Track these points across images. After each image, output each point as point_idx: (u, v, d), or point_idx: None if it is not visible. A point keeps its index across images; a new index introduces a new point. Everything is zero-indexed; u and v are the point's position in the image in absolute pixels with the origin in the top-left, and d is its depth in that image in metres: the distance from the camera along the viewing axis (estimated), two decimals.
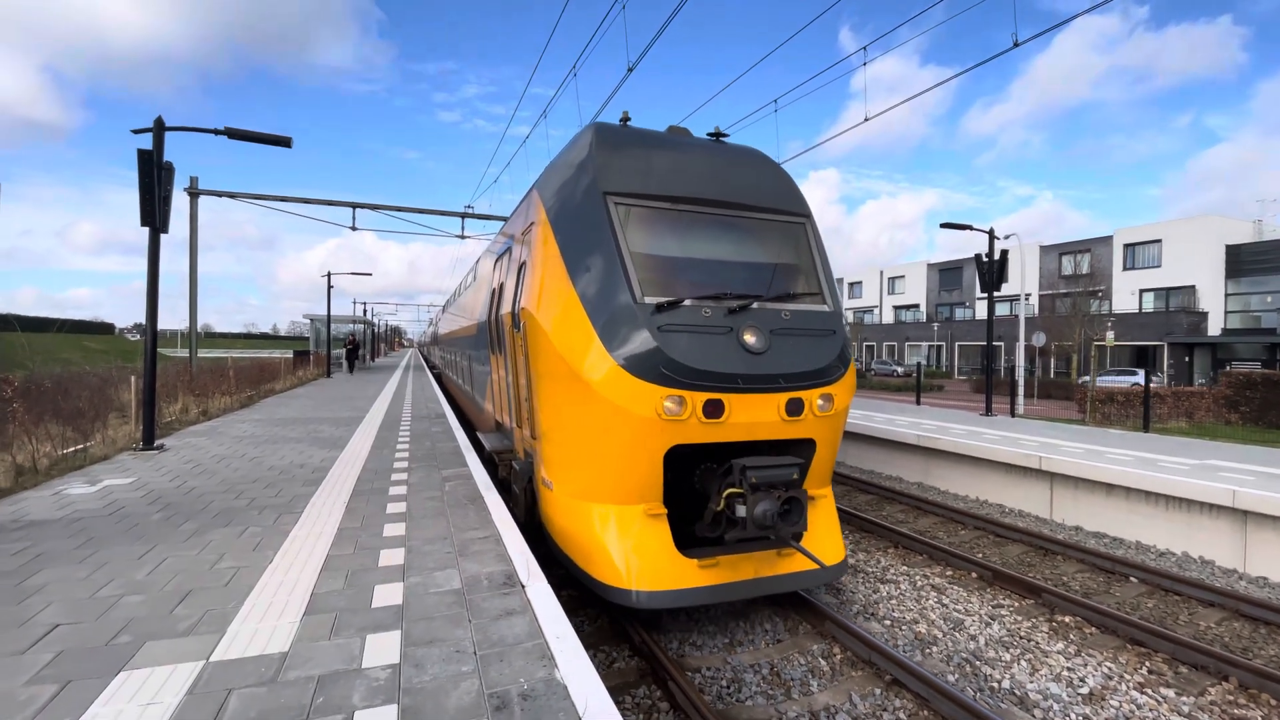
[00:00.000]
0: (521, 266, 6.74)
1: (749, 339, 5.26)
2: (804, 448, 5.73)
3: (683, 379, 4.96)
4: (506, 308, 7.37)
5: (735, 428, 5.21)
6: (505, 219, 13.28)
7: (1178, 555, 8.26)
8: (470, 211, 23.23)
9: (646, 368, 4.94)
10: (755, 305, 5.50)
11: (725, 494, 5.14)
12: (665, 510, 5.30)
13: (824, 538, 5.77)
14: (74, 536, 5.06)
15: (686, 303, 5.27)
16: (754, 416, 5.24)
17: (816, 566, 5.48)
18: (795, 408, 5.38)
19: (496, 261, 9.03)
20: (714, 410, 5.07)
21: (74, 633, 3.41)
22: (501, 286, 8.20)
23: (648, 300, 5.19)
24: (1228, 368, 30.79)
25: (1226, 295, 40.41)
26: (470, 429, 13.26)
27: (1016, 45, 8.60)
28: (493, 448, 8.23)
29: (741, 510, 5.00)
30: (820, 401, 5.50)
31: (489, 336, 8.97)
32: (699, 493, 5.64)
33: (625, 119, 6.85)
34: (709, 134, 7.34)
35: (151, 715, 2.66)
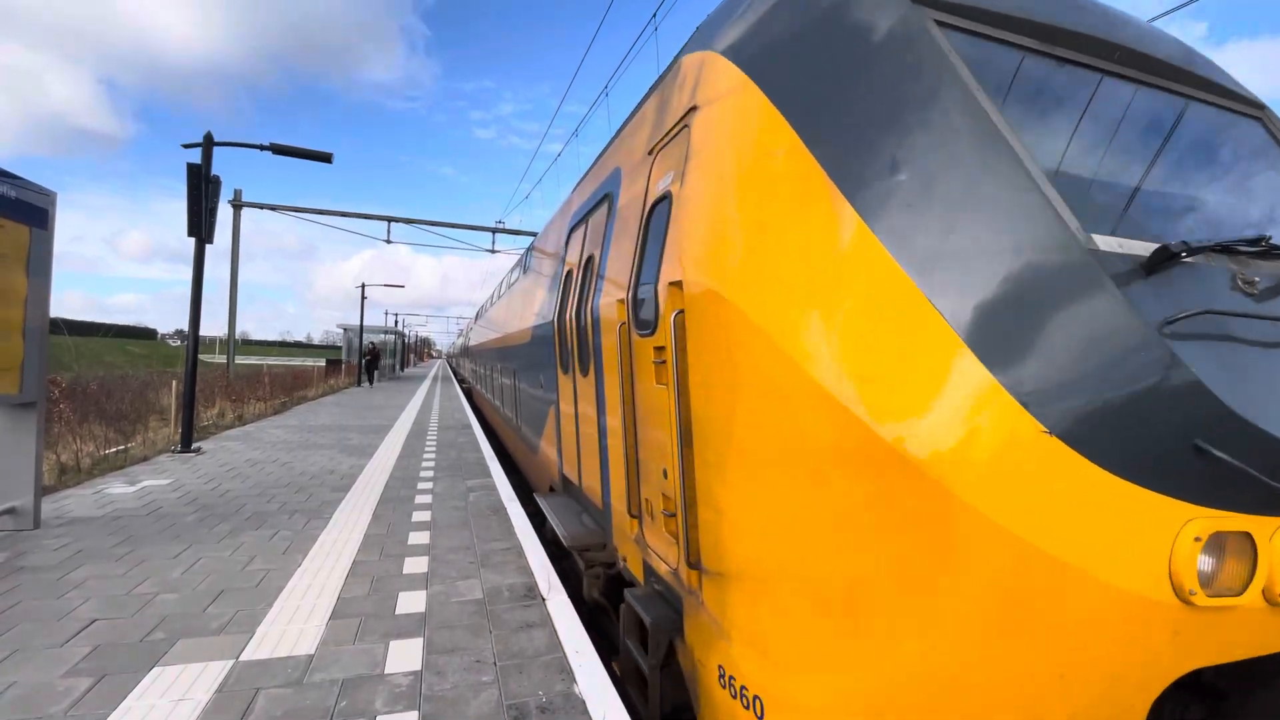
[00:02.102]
0: (657, 204, 3.47)
1: None
2: None
3: (1253, 475, 1.90)
4: (613, 293, 4.10)
5: None
6: (535, 234, 13.02)
7: None
8: (501, 227, 23.69)
9: (1140, 440, 1.93)
10: None
11: None
12: None
13: None
14: (113, 534, 5.23)
15: (1188, 259, 2.18)
16: None
17: None
18: None
19: (578, 225, 5.68)
20: None
21: (111, 628, 3.52)
22: (589, 262, 4.98)
23: (1105, 247, 2.14)
24: None
25: None
26: (493, 435, 13.29)
27: None
28: (575, 543, 4.70)
29: None
30: None
31: (556, 345, 5.95)
32: None
33: None
34: None
35: (183, 711, 2.74)
